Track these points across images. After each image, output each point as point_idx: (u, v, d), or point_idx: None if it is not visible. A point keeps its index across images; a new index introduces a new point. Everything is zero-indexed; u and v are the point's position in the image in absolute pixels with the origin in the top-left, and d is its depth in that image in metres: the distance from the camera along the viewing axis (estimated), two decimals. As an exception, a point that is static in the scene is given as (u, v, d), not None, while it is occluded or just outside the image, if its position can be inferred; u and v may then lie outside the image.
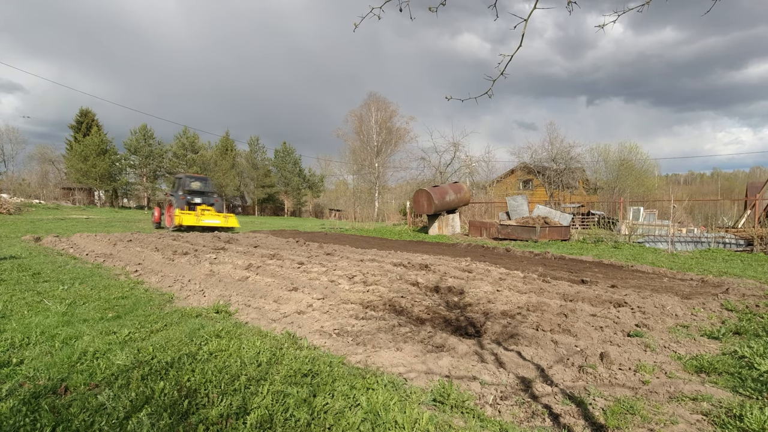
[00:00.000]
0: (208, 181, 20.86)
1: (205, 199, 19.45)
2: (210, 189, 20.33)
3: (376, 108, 44.28)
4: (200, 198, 19.24)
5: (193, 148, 54.19)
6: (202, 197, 19.39)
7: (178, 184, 19.92)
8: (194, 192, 19.36)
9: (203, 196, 19.56)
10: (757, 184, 21.92)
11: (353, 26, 2.30)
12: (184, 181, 19.60)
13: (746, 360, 3.39)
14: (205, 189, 19.98)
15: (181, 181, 19.72)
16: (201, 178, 20.74)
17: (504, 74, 2.33)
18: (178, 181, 20.25)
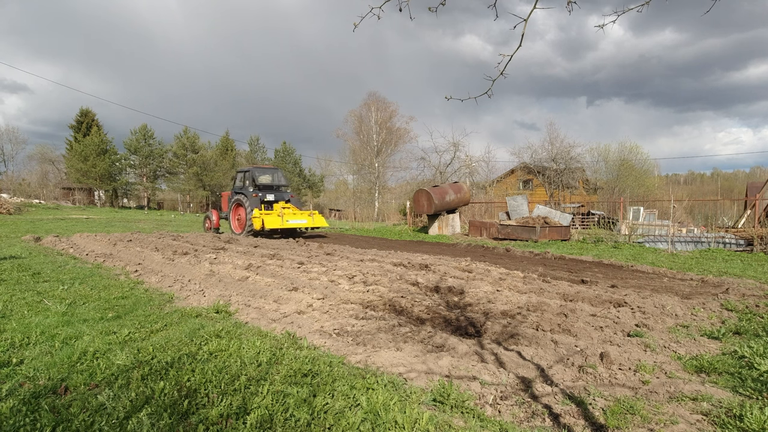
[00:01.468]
0: (279, 172, 17.32)
1: (278, 194, 16.18)
2: (282, 182, 16.93)
3: (376, 108, 44.29)
4: (273, 194, 15.93)
5: (193, 148, 54.19)
6: (274, 193, 16.10)
7: (245, 178, 16.43)
8: (265, 187, 16.12)
9: (276, 192, 16.25)
10: (757, 184, 21.93)
11: (353, 26, 2.30)
12: (253, 175, 16.14)
13: (746, 360, 3.39)
14: (276, 182, 16.73)
15: (249, 175, 16.20)
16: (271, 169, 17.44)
17: (504, 74, 2.33)
18: (244, 175, 16.62)
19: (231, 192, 17.02)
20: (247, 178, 16.31)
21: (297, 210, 16.05)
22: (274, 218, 14.48)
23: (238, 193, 16.16)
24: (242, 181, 16.49)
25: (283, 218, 14.57)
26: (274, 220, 14.39)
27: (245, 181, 16.34)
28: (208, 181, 52.65)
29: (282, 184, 16.81)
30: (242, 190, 15.98)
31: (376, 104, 44.34)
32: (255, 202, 15.17)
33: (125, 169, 52.59)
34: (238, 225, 15.96)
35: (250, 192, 15.51)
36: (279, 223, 14.34)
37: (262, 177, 16.50)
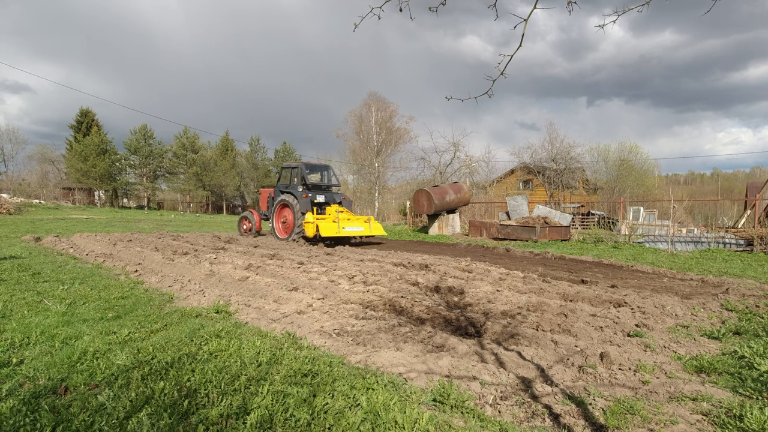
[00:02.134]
0: (329, 170, 15.12)
1: (329, 195, 14.06)
2: (333, 181, 14.86)
3: (376, 108, 44.27)
4: (323, 195, 13.81)
5: (193, 148, 54.22)
6: (325, 194, 14.00)
7: (293, 176, 14.28)
8: (314, 186, 14.03)
9: (326, 193, 14.16)
10: (757, 184, 21.93)
11: (354, 26, 2.30)
12: (303, 172, 13.93)
13: (746, 360, 3.39)
14: (327, 182, 14.64)
15: (298, 172, 14.03)
16: (321, 166, 15.24)
17: (504, 74, 2.33)
18: (291, 172, 14.43)
19: (274, 190, 14.90)
20: (295, 175, 14.12)
21: (352, 215, 13.92)
22: (329, 224, 12.42)
23: (284, 192, 13.94)
24: (288, 179, 14.36)
25: (339, 225, 12.55)
26: (330, 227, 12.34)
27: (292, 178, 14.20)
28: (208, 181, 52.67)
29: (333, 184, 14.68)
30: (289, 188, 13.84)
31: (376, 104, 44.33)
32: (306, 204, 13.05)
33: (125, 169, 52.62)
34: (282, 229, 13.91)
35: (299, 192, 13.34)
36: (335, 230, 12.34)
37: (312, 175, 14.33)
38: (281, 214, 14.10)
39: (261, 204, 16.07)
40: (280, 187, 14.54)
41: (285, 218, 13.95)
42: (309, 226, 12.45)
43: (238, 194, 61.72)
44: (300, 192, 13.42)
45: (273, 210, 14.26)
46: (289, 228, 13.69)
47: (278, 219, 14.14)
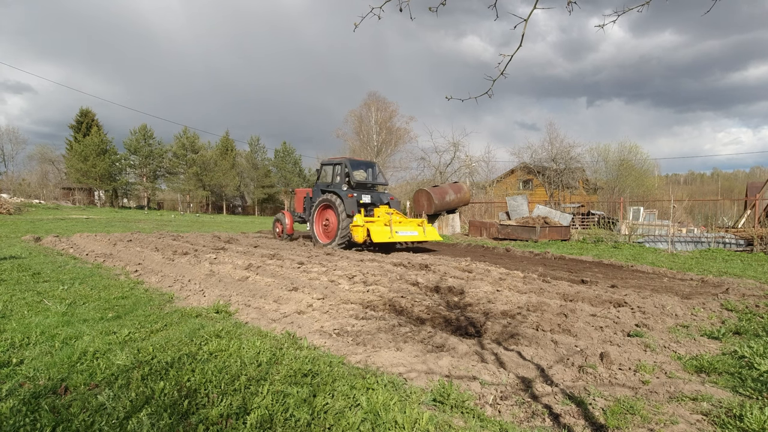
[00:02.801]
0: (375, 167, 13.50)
1: (376, 196, 12.49)
2: (380, 179, 13.32)
3: (376, 108, 44.29)
4: (369, 194, 12.27)
5: (193, 148, 54.21)
6: (371, 193, 12.46)
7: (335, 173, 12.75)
8: (359, 185, 12.45)
9: (372, 192, 12.58)
10: (757, 184, 21.94)
11: (354, 27, 2.30)
12: (348, 169, 12.34)
13: (746, 360, 3.39)
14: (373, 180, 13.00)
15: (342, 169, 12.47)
16: (367, 163, 13.59)
17: (504, 74, 2.33)
18: (333, 169, 12.84)
19: (313, 189, 13.45)
20: (338, 172, 12.57)
21: (403, 217, 12.41)
22: (381, 229, 10.89)
23: (326, 191, 12.48)
24: (331, 176, 12.84)
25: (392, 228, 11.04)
26: (382, 231, 10.81)
27: (335, 176, 12.69)
28: (208, 181, 52.68)
29: (379, 183, 13.17)
30: (332, 187, 12.38)
31: (376, 104, 44.36)
32: (352, 205, 11.44)
33: (125, 169, 52.60)
34: (323, 232, 12.43)
35: (344, 191, 11.80)
36: (387, 234, 10.82)
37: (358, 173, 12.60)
38: (322, 216, 12.48)
39: (296, 205, 14.66)
40: (320, 186, 13.03)
41: (327, 221, 12.28)
42: (358, 230, 10.87)
43: (238, 194, 61.71)
44: (345, 191, 11.76)
45: (312, 212, 12.67)
46: (332, 232, 12.05)
47: (319, 222, 12.57)
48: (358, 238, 10.90)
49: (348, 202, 11.49)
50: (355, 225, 11.00)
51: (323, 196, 12.38)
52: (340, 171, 12.53)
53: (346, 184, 12.26)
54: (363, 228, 10.85)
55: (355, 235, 11.00)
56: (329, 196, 12.10)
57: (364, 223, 10.95)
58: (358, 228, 10.94)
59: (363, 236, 10.82)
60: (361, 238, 10.84)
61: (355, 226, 10.99)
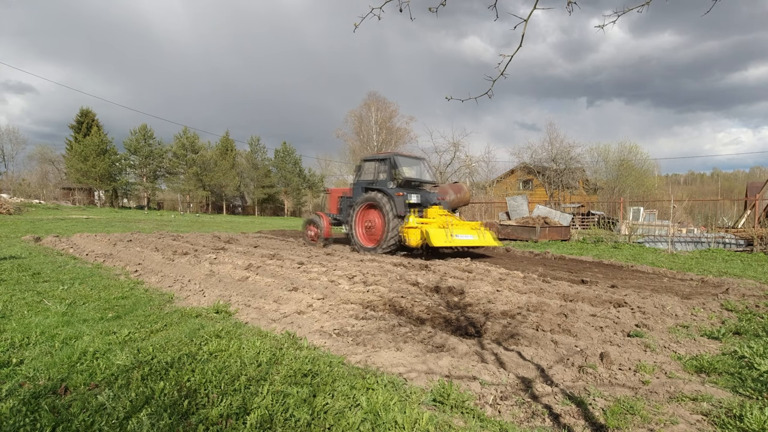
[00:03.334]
0: (424, 163, 12.39)
1: (425, 196, 11.17)
2: (427, 177, 12.05)
3: (376, 108, 44.31)
4: (417, 194, 10.92)
5: (193, 148, 54.22)
6: (420, 193, 11.14)
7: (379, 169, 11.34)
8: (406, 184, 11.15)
9: (420, 191, 11.28)
10: (757, 184, 21.93)
11: (354, 27, 2.30)
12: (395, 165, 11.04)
13: (746, 360, 3.39)
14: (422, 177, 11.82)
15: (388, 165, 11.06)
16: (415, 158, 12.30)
17: (504, 74, 2.33)
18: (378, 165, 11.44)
19: (352, 188, 12.17)
20: (382, 169, 11.19)
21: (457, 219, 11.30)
22: (439, 231, 9.56)
23: (369, 189, 11.22)
24: (374, 173, 11.48)
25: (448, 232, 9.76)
26: (440, 235, 9.48)
27: (379, 173, 11.29)
28: (208, 181, 52.70)
29: (427, 181, 11.84)
30: (375, 185, 11.13)
31: (376, 104, 44.38)
32: (401, 205, 10.21)
33: (125, 169, 52.59)
34: (366, 236, 11.13)
35: (391, 190, 10.55)
36: (444, 238, 9.52)
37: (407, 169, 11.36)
38: (365, 218, 11.14)
39: (330, 206, 13.31)
40: (361, 184, 11.75)
41: (371, 223, 10.96)
42: (412, 233, 9.60)
43: (238, 194, 61.72)
44: (393, 190, 10.52)
45: (353, 212, 11.28)
46: (376, 235, 10.75)
47: (360, 223, 11.24)
48: (413, 241, 9.61)
49: (397, 201, 10.24)
50: (409, 227, 9.70)
51: (367, 195, 11.00)
52: (386, 167, 11.11)
53: (392, 182, 10.93)
54: (418, 230, 9.54)
55: (409, 238, 9.69)
56: (374, 195, 10.76)
57: (419, 225, 9.65)
58: (412, 230, 9.62)
59: (418, 239, 9.53)
60: (416, 241, 9.57)
61: (409, 228, 9.69)
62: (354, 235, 11.31)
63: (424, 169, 12.20)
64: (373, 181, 11.46)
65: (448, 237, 9.62)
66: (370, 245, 10.85)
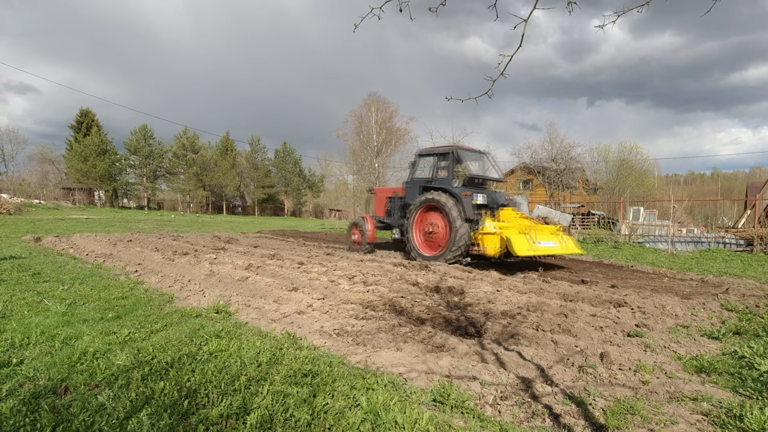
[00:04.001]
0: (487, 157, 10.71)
1: (491, 196, 9.67)
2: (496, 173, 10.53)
3: (376, 108, 44.30)
4: (483, 195, 9.41)
5: (193, 148, 54.24)
6: (485, 193, 9.62)
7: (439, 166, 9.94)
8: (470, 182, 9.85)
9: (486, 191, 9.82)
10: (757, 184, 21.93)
11: (354, 27, 2.30)
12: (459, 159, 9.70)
13: (746, 360, 3.39)
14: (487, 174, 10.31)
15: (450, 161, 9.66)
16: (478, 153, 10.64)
17: (504, 75, 2.33)
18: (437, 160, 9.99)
19: (404, 187, 10.72)
20: (444, 165, 9.79)
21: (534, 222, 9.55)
22: (521, 238, 8.18)
23: (428, 188, 9.75)
24: (433, 170, 10.03)
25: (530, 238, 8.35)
26: (523, 242, 8.12)
27: (439, 169, 9.90)
28: (208, 181, 52.73)
29: (492, 178, 10.29)
30: (435, 183, 9.72)
31: (377, 104, 44.37)
32: (469, 207, 8.79)
33: (125, 170, 52.60)
34: (425, 242, 9.63)
35: (457, 189, 9.14)
36: (527, 245, 8.13)
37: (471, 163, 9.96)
38: (425, 221, 9.60)
39: (375, 208, 12.06)
40: (416, 182, 10.29)
41: (433, 227, 9.37)
42: (490, 240, 8.23)
43: (238, 194, 61.74)
44: (459, 189, 9.17)
45: (410, 216, 9.73)
46: (439, 241, 9.27)
47: (418, 227, 9.73)
48: (490, 249, 8.19)
49: (465, 202, 8.76)
50: (486, 233, 8.30)
51: (426, 196, 9.46)
52: (448, 163, 9.65)
53: (457, 180, 9.64)
54: (497, 237, 8.14)
55: (485, 245, 8.30)
56: (436, 195, 9.22)
57: (499, 231, 8.20)
58: (489, 237, 8.24)
59: (497, 247, 8.13)
60: (495, 249, 8.15)
61: (486, 235, 8.30)
62: (411, 241, 9.70)
63: (488, 164, 10.50)
64: (431, 178, 9.93)
65: (531, 244, 8.22)
66: (430, 253, 9.34)
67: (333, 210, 55.18)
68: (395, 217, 10.88)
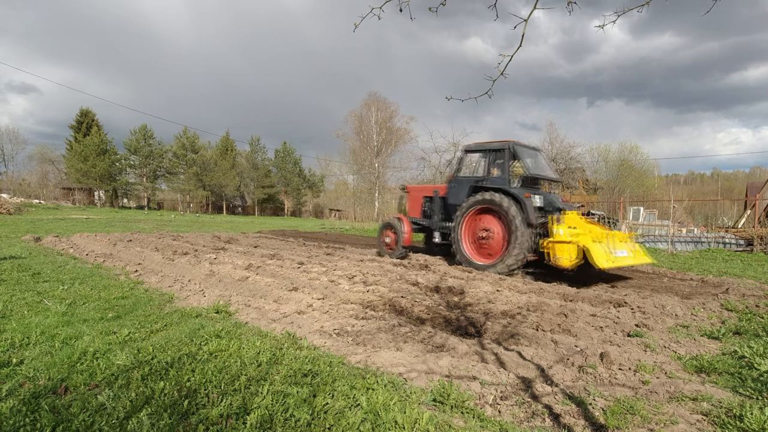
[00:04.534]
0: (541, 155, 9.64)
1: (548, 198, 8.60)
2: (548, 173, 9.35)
3: (377, 108, 44.29)
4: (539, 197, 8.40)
5: (193, 148, 54.24)
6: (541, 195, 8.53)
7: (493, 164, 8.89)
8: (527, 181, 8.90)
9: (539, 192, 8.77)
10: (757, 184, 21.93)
11: (354, 27, 2.30)
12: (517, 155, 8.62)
13: (746, 360, 3.39)
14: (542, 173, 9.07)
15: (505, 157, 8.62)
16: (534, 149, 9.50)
17: (504, 74, 2.33)
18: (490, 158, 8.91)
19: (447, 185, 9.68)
20: (497, 162, 8.79)
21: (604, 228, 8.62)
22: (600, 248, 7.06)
23: (479, 187, 8.74)
24: (484, 167, 8.99)
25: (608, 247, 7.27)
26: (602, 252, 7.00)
27: (492, 166, 8.85)
28: (208, 181, 52.74)
29: (553, 178, 9.40)
30: (489, 183, 8.64)
31: (377, 104, 44.36)
32: (531, 209, 7.85)
33: (125, 169, 52.60)
34: (477, 249, 8.60)
35: (517, 190, 8.17)
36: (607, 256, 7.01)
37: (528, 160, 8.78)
38: (476, 225, 8.55)
39: (409, 208, 11.06)
40: (464, 181, 9.21)
41: (487, 232, 8.32)
42: (565, 249, 7.11)
43: (238, 194, 61.74)
44: (518, 190, 8.16)
45: (459, 218, 8.69)
46: (494, 248, 8.26)
47: (468, 232, 8.69)
48: (565, 260, 7.09)
49: (527, 205, 7.80)
50: (558, 241, 7.22)
51: (480, 196, 8.41)
52: (503, 160, 8.60)
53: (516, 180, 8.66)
54: (574, 246, 7.01)
55: (559, 256, 7.16)
56: (492, 196, 8.19)
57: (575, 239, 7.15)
58: (564, 246, 7.12)
59: (574, 258, 6.99)
60: (570, 260, 7.03)
61: (560, 243, 7.18)
62: (459, 247, 8.68)
63: (543, 162, 9.37)
64: (482, 177, 8.86)
65: (610, 255, 7.10)
66: (481, 261, 8.33)
67: (333, 210, 55.17)
68: (435, 219, 9.88)
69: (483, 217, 8.52)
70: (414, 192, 11.12)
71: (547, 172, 9.29)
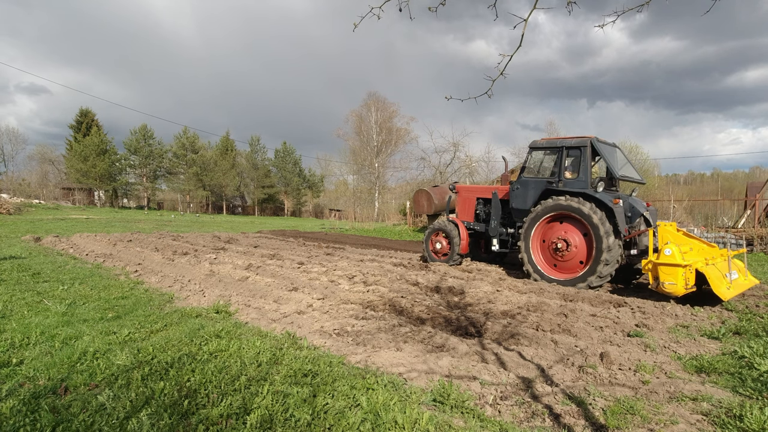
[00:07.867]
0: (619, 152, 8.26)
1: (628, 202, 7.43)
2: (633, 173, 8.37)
3: (377, 108, 44.29)
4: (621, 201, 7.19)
5: (193, 148, 54.23)
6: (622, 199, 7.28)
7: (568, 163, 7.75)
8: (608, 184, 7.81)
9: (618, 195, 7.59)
10: (757, 184, 21.93)
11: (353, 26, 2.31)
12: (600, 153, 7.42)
13: (746, 360, 3.39)
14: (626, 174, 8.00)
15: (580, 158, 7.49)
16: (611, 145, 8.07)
17: (504, 74, 2.33)
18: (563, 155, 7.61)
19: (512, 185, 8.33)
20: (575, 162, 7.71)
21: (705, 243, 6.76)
22: (716, 273, 5.77)
23: (553, 190, 7.61)
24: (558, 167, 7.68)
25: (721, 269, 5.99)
26: (720, 277, 5.75)
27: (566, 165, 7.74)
28: (208, 181, 52.73)
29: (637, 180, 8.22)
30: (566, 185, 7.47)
31: (377, 104, 44.36)
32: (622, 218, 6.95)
33: (125, 169, 52.58)
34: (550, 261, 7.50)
35: (603, 195, 7.02)
36: (726, 282, 5.80)
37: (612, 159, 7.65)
38: (550, 234, 7.46)
39: (460, 210, 9.59)
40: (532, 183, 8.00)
41: (563, 242, 7.20)
42: (678, 274, 5.60)
43: (238, 194, 61.74)
44: (605, 195, 7.04)
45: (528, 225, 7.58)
46: (571, 261, 7.17)
47: (539, 241, 7.59)
48: (677, 287, 5.57)
49: (618, 212, 6.81)
50: (669, 263, 5.67)
51: (556, 201, 7.32)
52: (582, 159, 7.42)
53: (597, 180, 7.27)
54: (688, 270, 5.57)
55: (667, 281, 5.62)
56: (573, 201, 7.07)
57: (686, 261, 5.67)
58: (678, 270, 5.59)
59: (686, 284, 5.57)
60: (681, 287, 5.57)
61: (671, 267, 5.64)
62: (528, 258, 7.54)
63: (622, 160, 8.13)
64: (554, 179, 7.63)
65: (727, 280, 5.88)
66: (557, 276, 7.24)
67: (333, 210, 55.16)
68: (494, 225, 8.59)
69: (558, 225, 7.42)
70: (465, 193, 9.71)
71: (631, 171, 8.04)
